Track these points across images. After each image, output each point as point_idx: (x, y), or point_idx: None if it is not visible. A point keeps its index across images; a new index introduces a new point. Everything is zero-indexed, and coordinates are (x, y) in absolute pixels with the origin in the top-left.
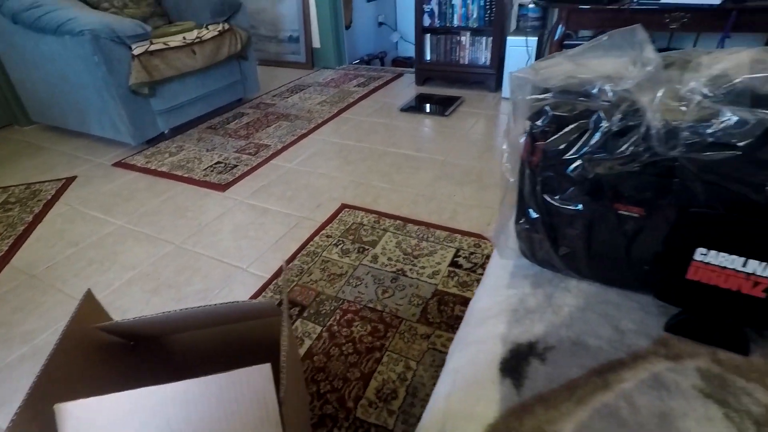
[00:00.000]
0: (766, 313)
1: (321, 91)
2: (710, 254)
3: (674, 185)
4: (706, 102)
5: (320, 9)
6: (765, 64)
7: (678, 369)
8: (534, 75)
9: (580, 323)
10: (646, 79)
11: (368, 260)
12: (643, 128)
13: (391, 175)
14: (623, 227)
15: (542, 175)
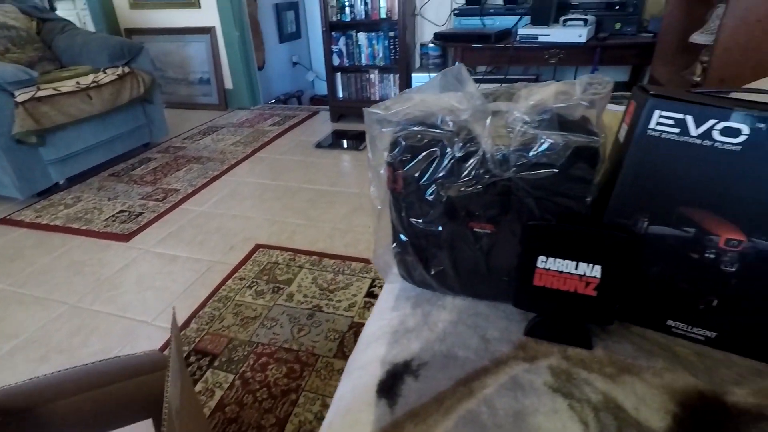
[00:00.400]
0: (599, 309)
1: (235, 131)
2: (549, 261)
3: (513, 202)
4: (526, 128)
5: (230, 51)
6: (567, 95)
7: (533, 369)
8: (385, 110)
9: (452, 337)
10: (477, 111)
11: (283, 299)
12: (480, 153)
13: (307, 211)
14: (480, 243)
15: (406, 201)
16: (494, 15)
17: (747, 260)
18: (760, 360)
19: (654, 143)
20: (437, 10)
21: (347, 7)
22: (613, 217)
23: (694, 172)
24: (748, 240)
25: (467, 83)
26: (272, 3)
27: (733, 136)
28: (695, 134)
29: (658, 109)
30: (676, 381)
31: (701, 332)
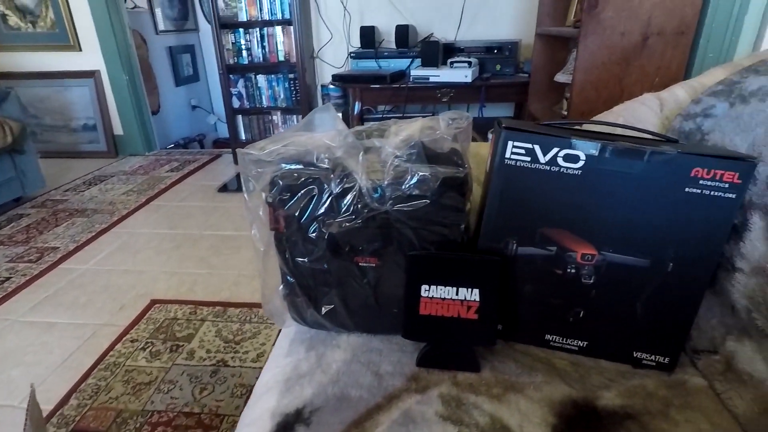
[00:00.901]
0: (482, 331)
1: (127, 179)
2: (432, 289)
3: (393, 234)
4: (398, 162)
5: (119, 95)
6: (432, 129)
7: (424, 400)
8: (260, 151)
9: (346, 377)
10: (349, 147)
11: (183, 358)
12: (357, 189)
13: (209, 260)
14: (366, 278)
15: (289, 241)
16: (388, 58)
17: (601, 272)
18: (623, 362)
19: (511, 171)
20: (335, 53)
21: (244, 51)
22: (486, 242)
23: (547, 195)
24: (599, 253)
25: (336, 120)
26: (165, 46)
27: (574, 162)
28: (544, 161)
29: (510, 140)
30: (554, 393)
31: (574, 342)
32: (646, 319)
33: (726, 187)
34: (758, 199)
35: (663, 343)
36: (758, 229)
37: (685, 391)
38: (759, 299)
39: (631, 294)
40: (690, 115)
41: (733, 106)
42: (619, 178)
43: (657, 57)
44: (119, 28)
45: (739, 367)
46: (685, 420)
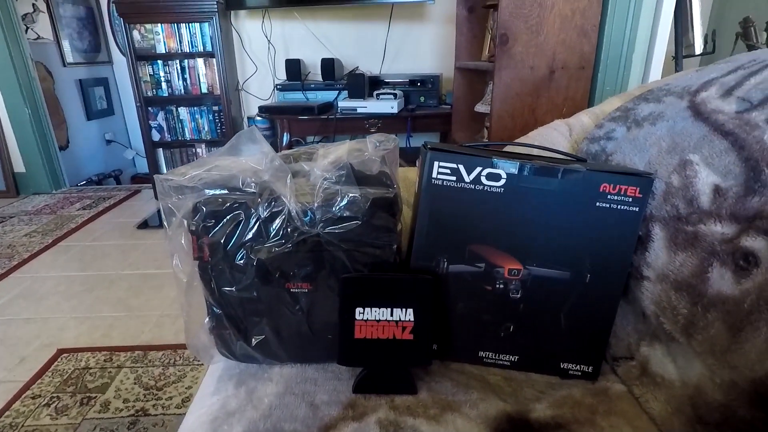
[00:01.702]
0: (417, 352)
1: (30, 220)
2: (366, 311)
3: (325, 257)
4: (327, 184)
5: (19, 130)
6: (360, 151)
7: (362, 427)
8: (181, 176)
9: (279, 411)
10: (277, 171)
11: (96, 411)
12: (286, 212)
13: (128, 301)
14: (299, 304)
15: (215, 270)
16: (315, 90)
17: (527, 286)
18: (552, 374)
19: (438, 190)
20: (260, 85)
21: (164, 83)
22: (418, 261)
23: (474, 212)
24: (524, 268)
25: (261, 143)
26: (74, 79)
27: (496, 180)
28: (468, 180)
29: (436, 160)
30: (489, 409)
31: (506, 357)
32: (569, 330)
33: (630, 200)
34: (657, 211)
35: (586, 353)
36: (659, 239)
37: (608, 397)
38: (665, 304)
39: (555, 306)
40: (594, 138)
41: (630, 129)
42: (538, 195)
43: (563, 89)
44: (19, 60)
45: (653, 371)
46: (609, 426)
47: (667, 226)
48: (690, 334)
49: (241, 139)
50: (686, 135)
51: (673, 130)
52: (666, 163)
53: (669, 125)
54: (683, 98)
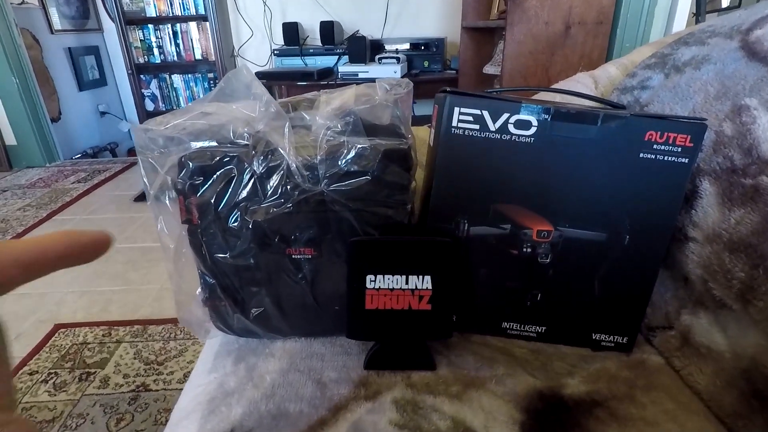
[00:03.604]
0: (436, 323)
1: (23, 194)
2: (378, 279)
3: (331, 219)
4: (331, 135)
5: (8, 101)
6: (367, 96)
7: (376, 408)
8: (159, 125)
9: (282, 389)
10: (273, 119)
11: (95, 387)
12: (285, 167)
13: (126, 275)
14: (302, 272)
15: (206, 234)
16: (314, 55)
17: (557, 249)
18: (583, 346)
19: (459, 141)
20: (257, 50)
21: (156, 48)
22: (434, 223)
23: (499, 166)
24: (555, 229)
25: (254, 86)
26: (63, 47)
27: (526, 129)
28: (493, 129)
29: (457, 106)
30: (517, 385)
31: (533, 329)
32: (604, 298)
33: (678, 151)
34: (706, 164)
35: (621, 323)
36: (709, 195)
37: (646, 371)
38: (715, 267)
39: (588, 271)
40: (627, 88)
41: (669, 76)
42: (573, 145)
43: (579, 45)
44: (3, 26)
45: (696, 341)
46: (651, 402)
47: (718, 180)
48: (747, 300)
49: (231, 82)
50: (739, 78)
51: (723, 74)
52: (715, 110)
53: (717, 68)
54: (733, 38)
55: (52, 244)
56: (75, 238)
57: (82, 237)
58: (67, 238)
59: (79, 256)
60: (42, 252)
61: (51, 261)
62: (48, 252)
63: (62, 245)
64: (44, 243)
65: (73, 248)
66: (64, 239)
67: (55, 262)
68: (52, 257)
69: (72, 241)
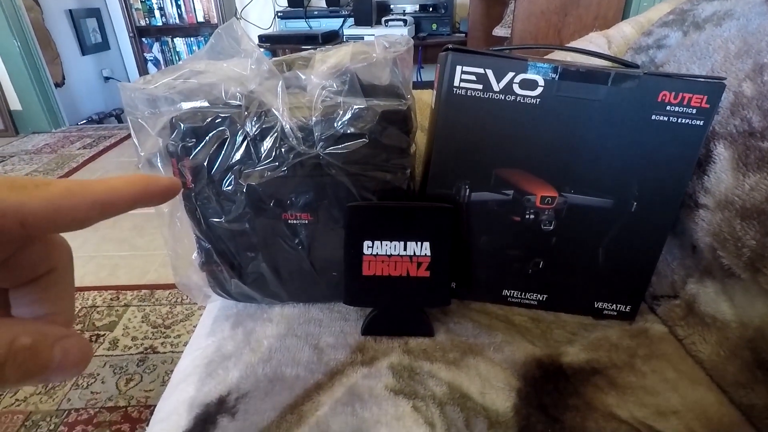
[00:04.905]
0: (435, 290)
1: (30, 159)
2: (375, 245)
3: (327, 183)
4: (326, 95)
5: (11, 65)
6: (365, 54)
7: (372, 373)
8: (147, 84)
9: (279, 354)
10: (266, 78)
11: (104, 349)
12: (279, 129)
13: (132, 240)
14: (298, 237)
15: (200, 198)
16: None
17: (561, 216)
18: (584, 314)
19: (461, 102)
20: (260, 12)
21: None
22: (435, 188)
23: (503, 129)
24: (559, 195)
25: (244, 42)
26: (64, 9)
27: (531, 89)
28: (497, 89)
29: (459, 64)
30: (516, 353)
31: (533, 296)
32: (608, 266)
33: (693, 112)
34: (721, 127)
35: (625, 291)
36: (723, 159)
37: (648, 339)
38: (726, 235)
39: (593, 239)
40: (641, 47)
41: (687, 34)
42: (581, 106)
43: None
44: None
45: (701, 310)
46: (651, 370)
47: (734, 143)
48: (757, 269)
49: (222, 38)
50: (764, 34)
51: (746, 30)
52: (735, 69)
53: (740, 24)
54: None
55: (127, 187)
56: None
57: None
58: (142, 182)
59: (150, 200)
60: (119, 195)
61: (126, 203)
62: (124, 195)
63: (137, 189)
64: (121, 186)
65: (147, 193)
66: (140, 183)
67: (130, 204)
68: (128, 200)
69: (146, 186)
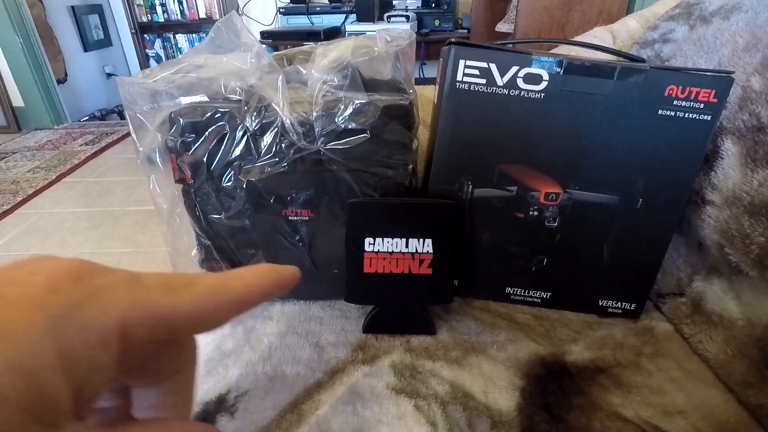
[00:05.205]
0: (437, 288)
1: (33, 156)
2: (377, 242)
3: (328, 180)
4: (327, 89)
5: (13, 61)
6: (366, 48)
7: (373, 372)
8: (146, 78)
9: (279, 352)
10: (266, 72)
11: None
12: (279, 124)
13: (135, 237)
14: (299, 234)
15: (199, 194)
16: (321, 13)
17: (566, 213)
18: (588, 312)
19: (464, 97)
20: (263, 9)
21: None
22: (437, 184)
23: (507, 124)
24: (564, 192)
25: (244, 35)
26: (66, 5)
27: (536, 83)
28: (501, 84)
29: (462, 58)
30: (519, 351)
31: (537, 294)
32: (612, 264)
33: (701, 107)
34: (729, 122)
35: (630, 289)
36: (731, 155)
37: (653, 338)
38: (733, 232)
39: (598, 236)
40: (647, 42)
41: (694, 28)
42: (587, 101)
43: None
44: None
45: (708, 308)
46: (657, 369)
47: (742, 138)
48: (766, 266)
49: (221, 31)
50: None
51: (754, 23)
52: (743, 63)
53: (748, 17)
54: None
55: (261, 283)
56: (278, 275)
57: (284, 274)
58: (273, 276)
59: (279, 293)
60: (254, 292)
61: (258, 300)
62: (258, 292)
63: (269, 283)
64: (255, 282)
65: (277, 286)
66: (271, 277)
67: (261, 300)
68: (261, 296)
69: (277, 279)
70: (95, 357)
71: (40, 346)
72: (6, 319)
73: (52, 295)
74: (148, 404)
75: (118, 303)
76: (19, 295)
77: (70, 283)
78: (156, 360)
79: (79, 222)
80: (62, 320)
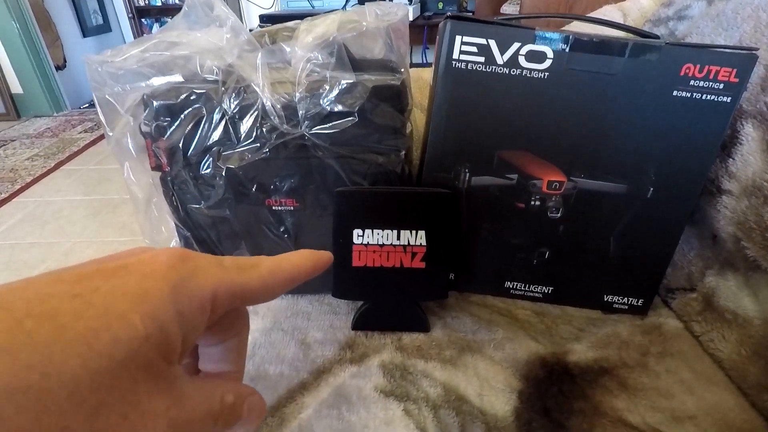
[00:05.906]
0: (431, 283)
1: (31, 143)
2: (366, 234)
3: (314, 167)
4: (311, 68)
5: (10, 47)
6: (354, 22)
7: (361, 372)
8: (114, 57)
9: (263, 350)
10: (244, 49)
11: None
12: (259, 106)
13: (133, 226)
14: (283, 225)
15: (177, 183)
16: None
17: (570, 203)
18: (592, 308)
19: (461, 76)
20: None
21: None
22: (432, 172)
23: (507, 107)
24: (568, 180)
25: (216, 7)
26: None
27: (539, 62)
28: (501, 62)
29: (459, 34)
30: (518, 350)
31: (538, 289)
32: (619, 257)
33: (720, 88)
34: (750, 105)
35: (637, 284)
36: (751, 141)
37: (661, 336)
38: (752, 224)
39: (604, 227)
40: (660, 19)
41: (712, 3)
42: (595, 81)
43: None
44: None
45: (721, 305)
46: (665, 370)
47: (764, 123)
48: None
49: (196, 6)
50: None
51: None
52: (767, 40)
53: None
54: None
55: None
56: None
57: (321, 257)
58: (313, 259)
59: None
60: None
61: (303, 278)
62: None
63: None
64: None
65: (316, 268)
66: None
67: (305, 278)
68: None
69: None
70: (195, 317)
71: (167, 305)
72: (145, 287)
73: (171, 271)
74: (213, 359)
75: (211, 279)
76: (150, 270)
77: (180, 262)
78: (222, 323)
79: (78, 210)
80: (178, 289)
